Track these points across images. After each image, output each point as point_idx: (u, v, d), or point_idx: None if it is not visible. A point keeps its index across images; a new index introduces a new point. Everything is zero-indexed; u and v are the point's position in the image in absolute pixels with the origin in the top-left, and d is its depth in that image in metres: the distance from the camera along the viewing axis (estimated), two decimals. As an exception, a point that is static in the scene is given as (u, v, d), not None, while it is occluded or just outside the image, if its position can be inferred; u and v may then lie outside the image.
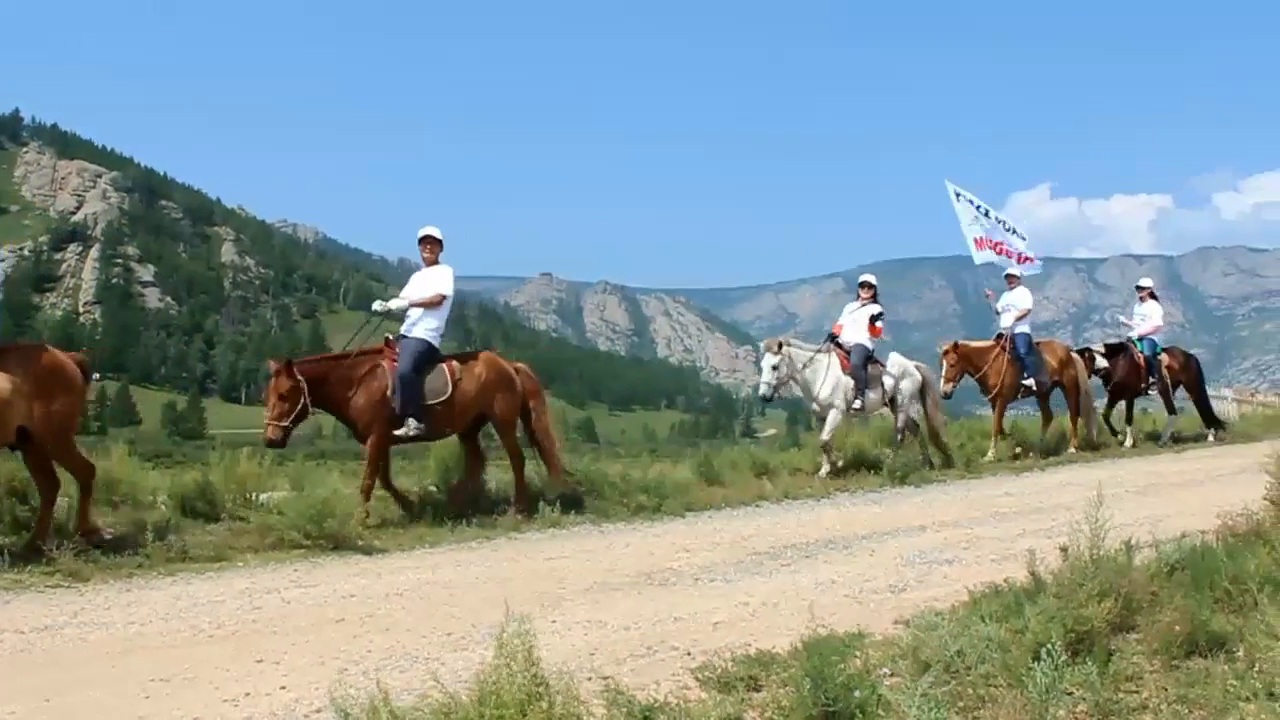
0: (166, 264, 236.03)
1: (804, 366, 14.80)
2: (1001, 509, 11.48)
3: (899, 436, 15.64)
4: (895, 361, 15.84)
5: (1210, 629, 5.28)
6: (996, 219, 18.96)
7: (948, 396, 17.13)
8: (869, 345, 15.21)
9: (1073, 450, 17.64)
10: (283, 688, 5.44)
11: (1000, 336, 17.72)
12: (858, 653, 5.27)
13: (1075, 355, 18.64)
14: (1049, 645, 4.67)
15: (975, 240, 18.62)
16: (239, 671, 5.76)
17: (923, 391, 15.89)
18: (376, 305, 11.56)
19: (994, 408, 17.66)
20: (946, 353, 17.33)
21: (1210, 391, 30.59)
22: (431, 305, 11.14)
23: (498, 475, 12.05)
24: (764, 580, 8.06)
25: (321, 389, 10.49)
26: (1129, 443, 18.87)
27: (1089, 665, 4.75)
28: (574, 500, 11.42)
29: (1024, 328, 17.63)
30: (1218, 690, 4.57)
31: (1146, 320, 19.64)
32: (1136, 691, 4.80)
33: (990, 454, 16.65)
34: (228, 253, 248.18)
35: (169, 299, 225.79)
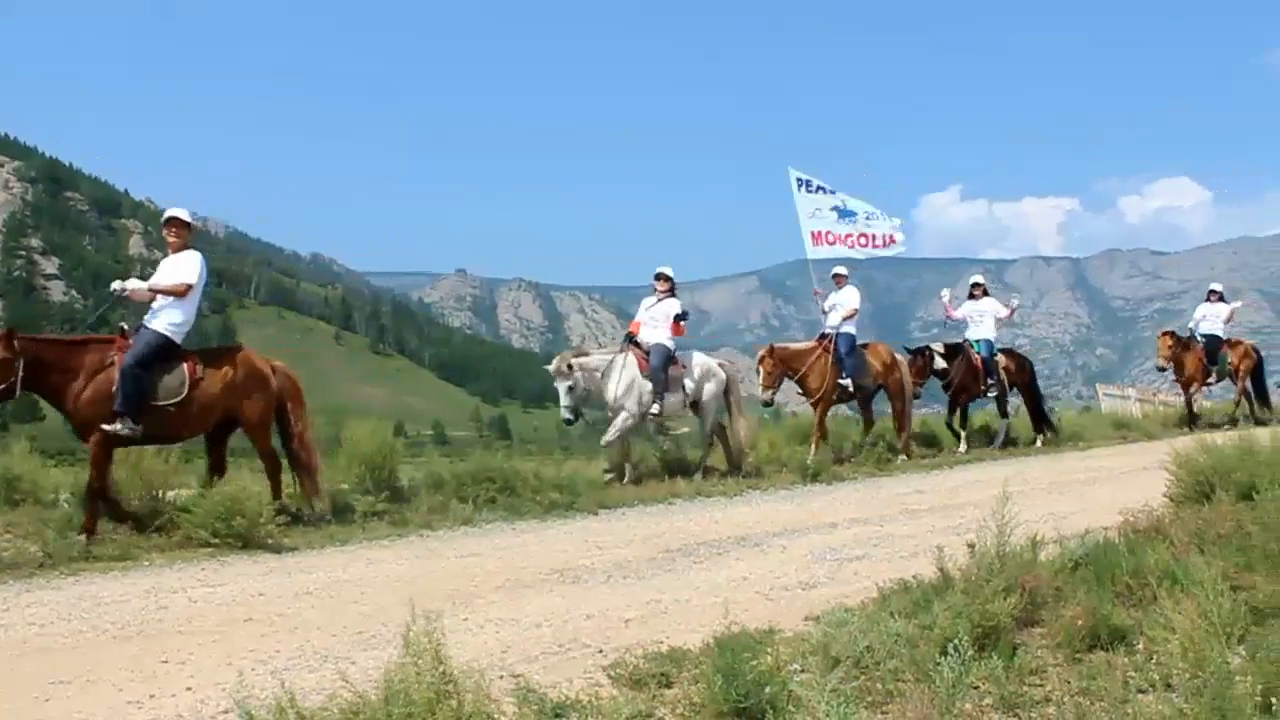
0: (72, 257, 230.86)
1: (601, 373, 13.96)
2: (911, 506, 11.60)
3: (708, 442, 14.83)
4: (698, 362, 14.91)
5: (1111, 623, 5.39)
6: (849, 208, 17.96)
7: (768, 404, 16.74)
8: (670, 345, 14.32)
9: (904, 459, 16.62)
10: (188, 689, 5.35)
11: (824, 337, 16.81)
12: (769, 649, 5.29)
13: (900, 358, 17.86)
14: (956, 640, 4.74)
15: (813, 234, 17.72)
16: (143, 673, 5.65)
17: (726, 392, 14.86)
18: (115, 285, 10.37)
19: (815, 411, 16.60)
20: (763, 358, 16.27)
21: (1114, 391, 31.24)
22: (175, 294, 10.11)
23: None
24: (676, 577, 8.08)
25: (40, 372, 9.48)
26: (963, 448, 18.07)
27: (995, 660, 4.84)
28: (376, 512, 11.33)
29: (849, 328, 16.70)
30: (1118, 682, 4.67)
31: (986, 317, 19.17)
32: (1041, 685, 4.88)
33: (810, 459, 15.21)
34: (135, 245, 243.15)
35: (74, 293, 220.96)
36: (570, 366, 13.73)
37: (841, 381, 16.30)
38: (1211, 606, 4.77)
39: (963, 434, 18.53)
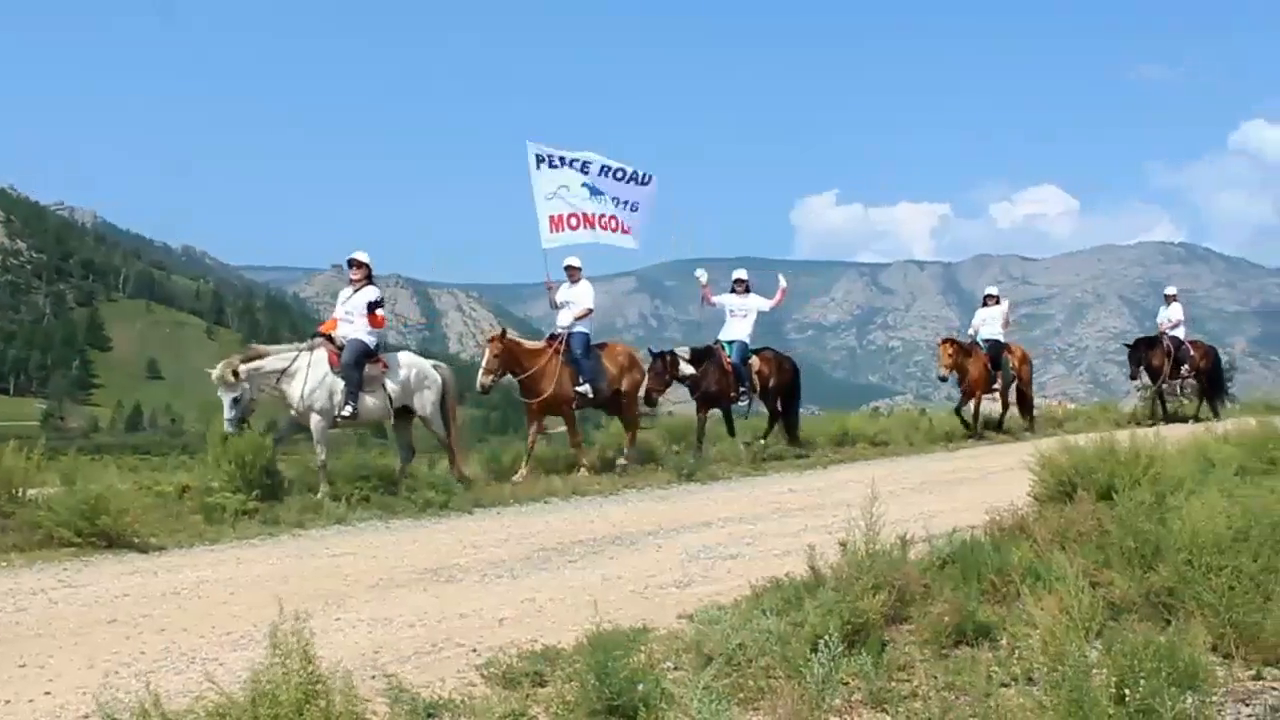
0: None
1: (280, 377, 12.24)
2: (785, 505, 11.73)
3: (450, 451, 13.48)
4: (405, 361, 13.30)
5: (977, 619, 5.52)
6: (599, 187, 16.19)
7: (485, 390, 14.65)
8: (367, 340, 12.71)
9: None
10: (47, 693, 5.21)
11: (554, 337, 15.21)
12: (642, 647, 5.32)
13: (640, 359, 16.24)
14: (826, 637, 4.81)
15: (551, 219, 15.84)
16: (-1, 677, 5.48)
17: (443, 397, 13.45)
18: None
19: (532, 419, 14.88)
20: (493, 340, 14.50)
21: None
22: None
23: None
24: (551, 576, 8.08)
25: None
26: (742, 457, 16.43)
27: (864, 656, 4.92)
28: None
29: (583, 327, 15.19)
30: (982, 676, 4.78)
31: (749, 313, 17.50)
32: (908, 680, 4.97)
33: (520, 473, 14.07)
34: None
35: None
36: (237, 374, 11.96)
37: (579, 388, 14.90)
38: (1071, 602, 4.90)
39: (704, 443, 16.83)
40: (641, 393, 15.87)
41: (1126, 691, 4.09)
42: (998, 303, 22.48)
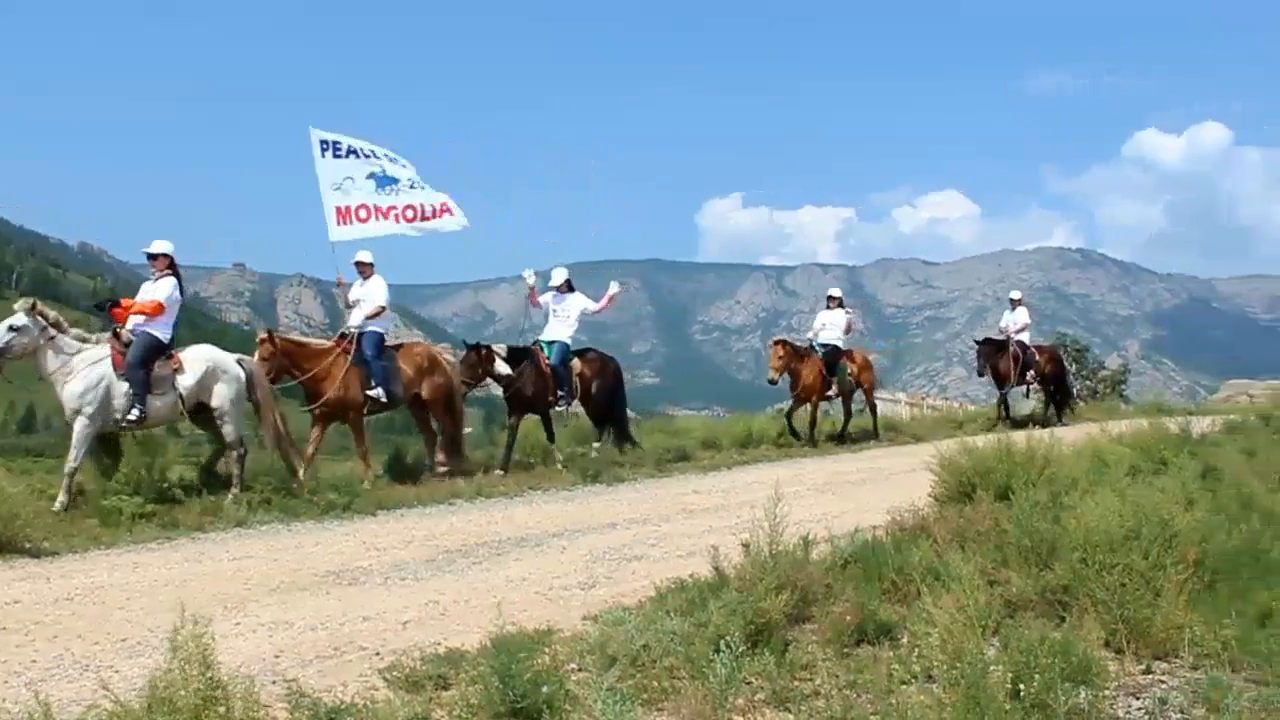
0: None
1: (57, 368, 11.04)
2: (690, 506, 11.77)
3: (236, 455, 11.80)
4: (201, 357, 11.99)
5: (878, 618, 5.60)
6: (389, 174, 15.20)
7: (274, 381, 13.15)
8: (158, 334, 11.65)
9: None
10: (-69, 703, 5.06)
11: (344, 336, 14.21)
12: (546, 649, 5.32)
13: (445, 361, 15.28)
14: (729, 637, 4.86)
15: (338, 210, 14.86)
16: (-119, 687, 5.32)
17: (251, 392, 12.26)
18: None
19: (316, 425, 13.82)
20: (262, 342, 13.37)
21: (885, 395, 32.34)
22: None
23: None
24: (455, 578, 8.03)
25: None
26: (559, 462, 15.51)
27: (767, 655, 4.97)
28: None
29: (377, 326, 14.22)
30: (883, 675, 4.85)
31: (571, 311, 16.53)
32: (810, 679, 5.03)
33: (366, 481, 12.95)
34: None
35: None
36: (42, 315, 11.07)
37: (370, 392, 13.79)
38: (969, 601, 4.99)
39: (511, 453, 15.52)
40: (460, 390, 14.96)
41: (1022, 687, 4.17)
42: (840, 305, 21.39)
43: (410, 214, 15.29)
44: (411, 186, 15.31)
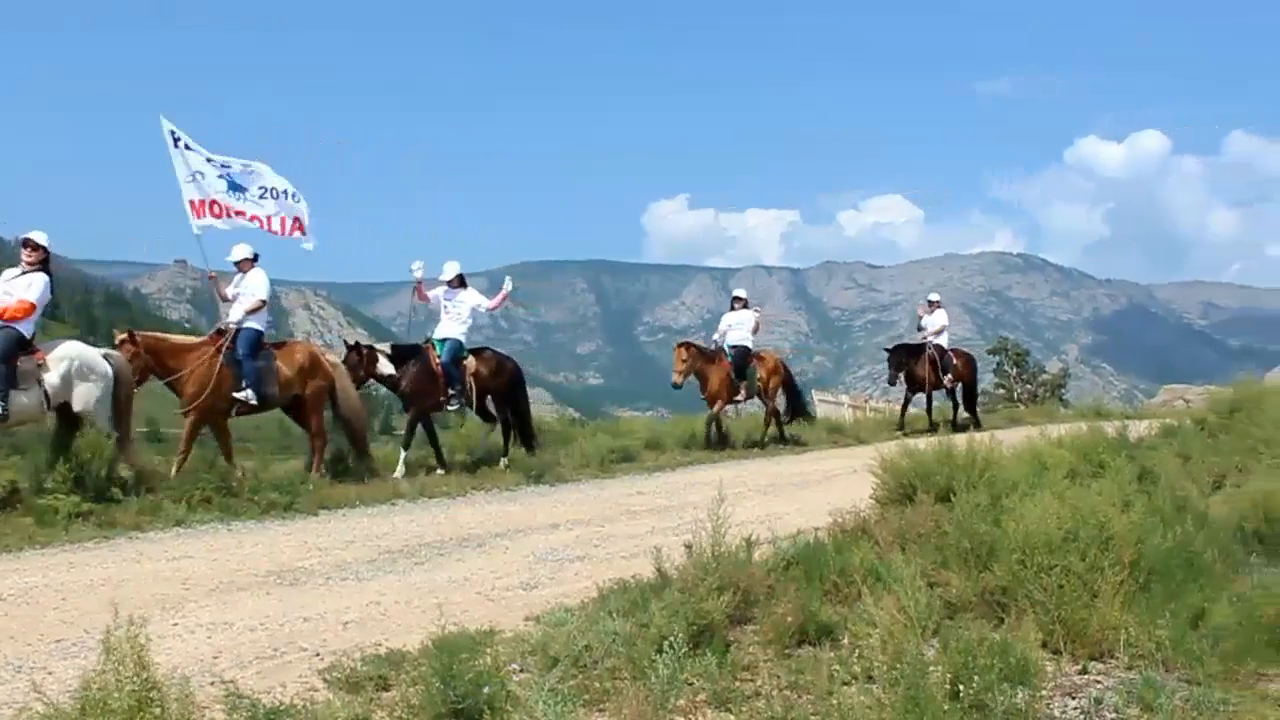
0: None
1: None
2: (633, 507, 11.78)
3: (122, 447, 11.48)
4: (68, 354, 11.47)
5: (819, 619, 5.63)
6: (238, 181, 14.25)
7: (140, 381, 12.44)
8: (21, 330, 11.23)
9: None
10: None
11: (220, 333, 13.39)
12: (488, 649, 5.28)
13: (327, 361, 14.37)
14: (671, 638, 4.86)
15: (191, 204, 14.00)
16: None
17: (117, 389, 11.69)
18: None
19: (188, 428, 12.90)
20: (122, 343, 12.52)
21: (828, 397, 32.48)
22: None
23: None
24: (397, 579, 7.99)
25: None
26: (399, 472, 14.46)
27: (708, 656, 4.98)
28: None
29: (255, 323, 13.47)
30: (823, 676, 4.86)
31: (460, 307, 15.78)
32: (752, 680, 5.05)
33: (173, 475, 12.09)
34: None
35: None
36: None
37: (238, 394, 13.01)
38: (910, 602, 5.03)
39: (405, 456, 14.94)
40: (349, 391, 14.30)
41: (961, 687, 4.21)
42: (746, 306, 20.85)
43: (258, 225, 14.45)
44: (261, 197, 14.40)
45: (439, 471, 14.55)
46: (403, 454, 14.85)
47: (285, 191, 14.52)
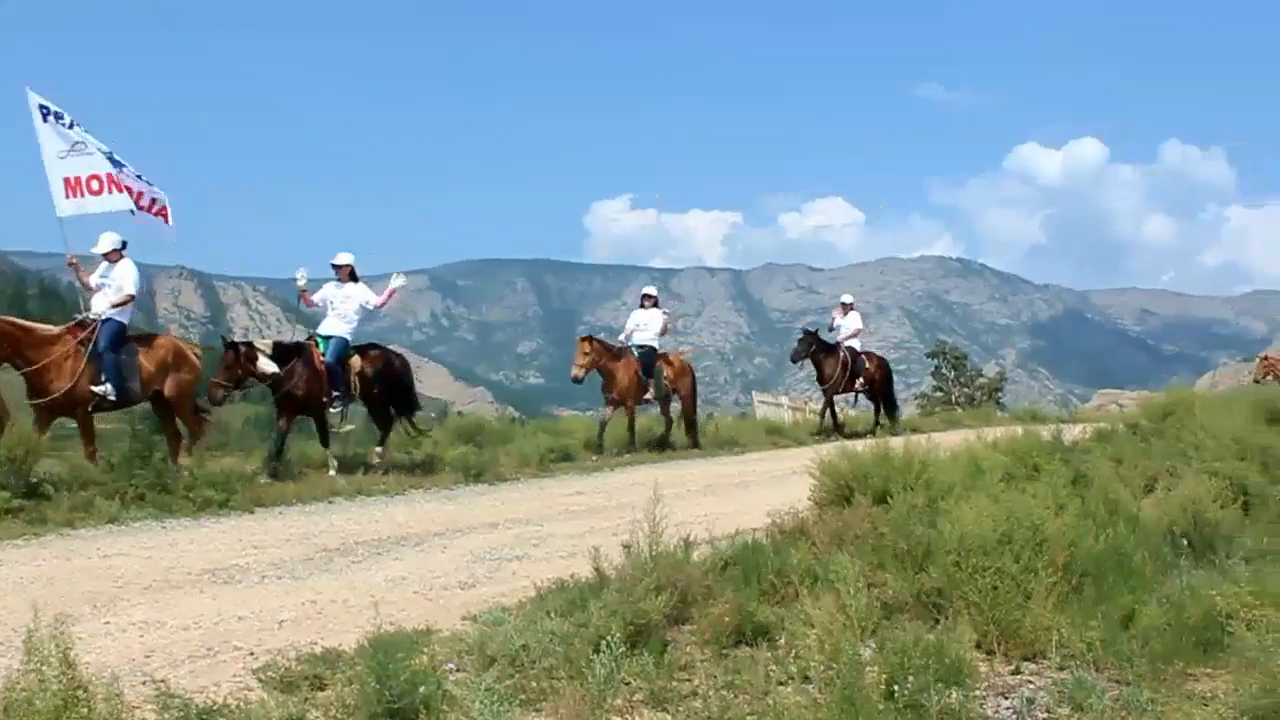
0: None
1: None
2: (572, 507, 11.77)
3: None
4: None
5: (757, 619, 5.65)
6: (117, 157, 13.59)
7: None
8: (125, 319, 11.26)
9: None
10: None
11: (81, 324, 12.72)
12: (425, 649, 5.28)
13: (192, 356, 13.60)
14: (609, 638, 4.86)
15: (66, 181, 13.30)
16: None
17: None
18: None
19: (39, 418, 12.15)
20: None
21: (768, 399, 32.55)
22: None
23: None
24: (334, 577, 7.94)
25: None
26: (333, 470, 14.08)
27: (646, 656, 4.99)
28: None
29: (121, 316, 12.95)
30: (760, 675, 4.89)
31: (348, 302, 15.01)
32: (689, 679, 5.06)
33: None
34: None
35: None
36: None
37: (97, 389, 12.36)
38: (847, 602, 5.08)
39: (333, 457, 14.50)
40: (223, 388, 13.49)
41: (896, 688, 4.25)
42: (655, 305, 20.26)
43: (142, 201, 13.62)
44: (139, 176, 13.66)
45: (332, 472, 13.90)
46: (268, 454, 14.06)
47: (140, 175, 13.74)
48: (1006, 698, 4.80)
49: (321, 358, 14.50)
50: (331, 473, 13.91)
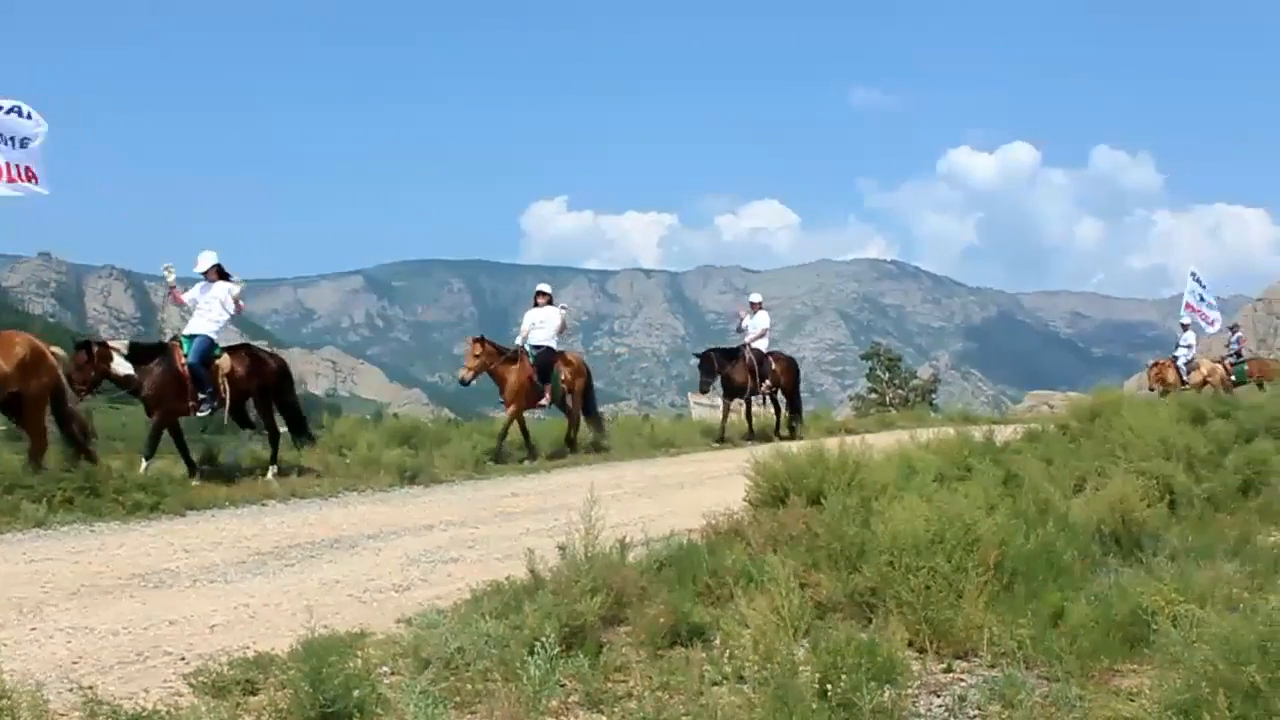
0: None
1: None
2: (507, 509, 11.74)
3: None
4: None
5: (692, 620, 5.67)
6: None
7: None
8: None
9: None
10: None
11: None
12: (359, 652, 5.24)
13: (51, 356, 12.31)
14: (544, 639, 4.86)
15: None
16: None
17: None
18: None
19: None
20: None
21: (704, 400, 32.55)
22: None
23: None
24: (266, 581, 7.86)
25: None
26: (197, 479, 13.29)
27: (581, 657, 4.99)
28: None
29: None
30: (695, 676, 4.91)
31: (210, 305, 14.23)
32: (624, 680, 5.07)
33: None
34: None
35: None
36: None
37: None
38: (781, 603, 5.11)
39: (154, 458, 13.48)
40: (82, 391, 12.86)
41: (829, 686, 4.28)
42: (550, 303, 19.33)
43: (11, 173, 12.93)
44: (13, 141, 12.90)
45: (194, 482, 13.01)
46: (144, 464, 13.05)
47: (13, 138, 12.97)
48: (938, 695, 4.86)
49: (183, 359, 13.79)
50: (194, 482, 13.05)
